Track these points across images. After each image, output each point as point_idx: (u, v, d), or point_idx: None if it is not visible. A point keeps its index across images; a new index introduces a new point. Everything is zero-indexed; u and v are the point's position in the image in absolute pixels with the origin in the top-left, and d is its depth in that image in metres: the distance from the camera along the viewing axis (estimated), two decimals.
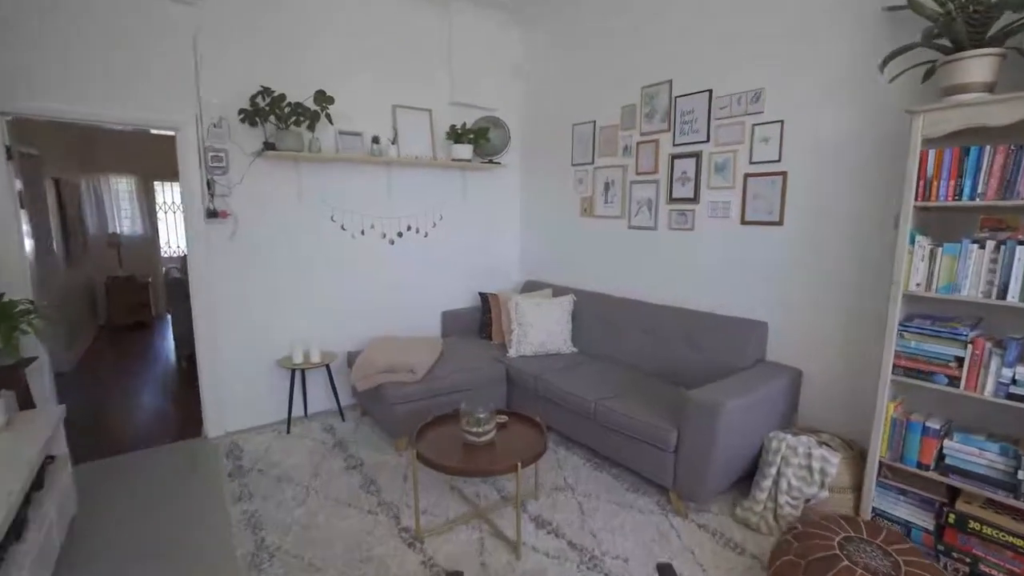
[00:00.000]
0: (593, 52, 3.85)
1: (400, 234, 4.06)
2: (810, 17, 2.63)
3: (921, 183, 2.05)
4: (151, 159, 7.04)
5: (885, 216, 2.46)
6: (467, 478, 2.84)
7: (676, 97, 3.29)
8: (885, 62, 2.19)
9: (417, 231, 4.16)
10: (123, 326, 6.70)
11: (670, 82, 3.32)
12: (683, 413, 2.45)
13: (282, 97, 3.20)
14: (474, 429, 2.31)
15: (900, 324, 2.14)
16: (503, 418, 2.59)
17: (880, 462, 2.25)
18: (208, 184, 3.20)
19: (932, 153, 2.02)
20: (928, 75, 2.18)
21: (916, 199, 2.06)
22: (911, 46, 2.10)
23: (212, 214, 3.21)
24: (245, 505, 2.59)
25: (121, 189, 7.09)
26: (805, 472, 2.40)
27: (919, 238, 2.09)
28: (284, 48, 3.38)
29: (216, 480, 2.84)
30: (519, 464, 2.12)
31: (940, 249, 2.04)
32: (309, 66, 3.49)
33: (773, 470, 2.46)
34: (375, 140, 3.71)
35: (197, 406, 3.50)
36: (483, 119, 4.24)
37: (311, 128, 3.34)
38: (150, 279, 7.04)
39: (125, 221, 7.19)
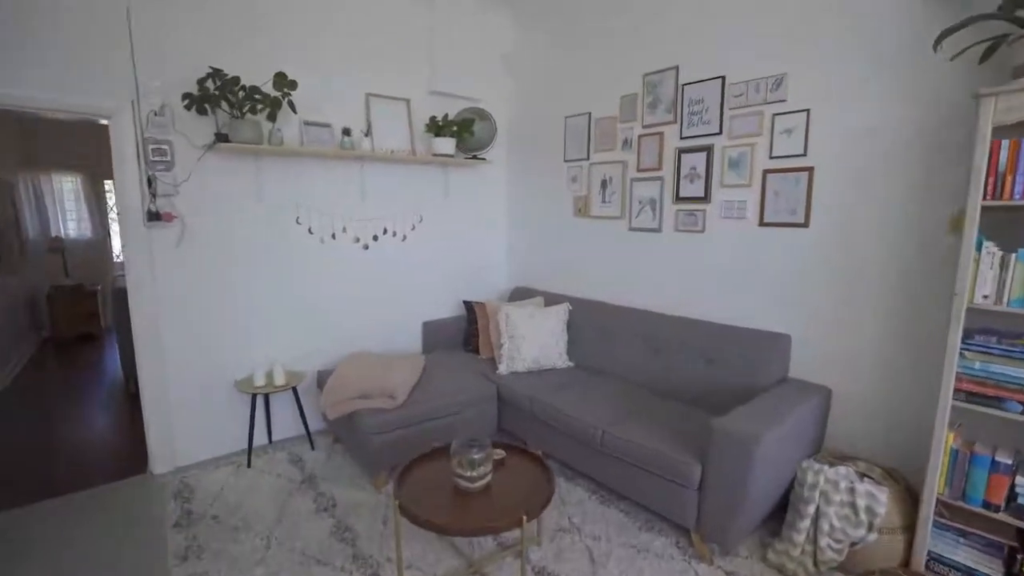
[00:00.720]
0: (588, 36, 3.51)
1: (375, 238, 3.65)
2: None
3: (991, 179, 1.77)
4: (100, 155, 6.44)
5: (927, 216, 2.17)
6: None
7: (683, 85, 2.97)
8: (940, 39, 1.91)
9: (394, 234, 3.75)
10: (69, 339, 6.12)
11: (676, 68, 3.01)
12: (709, 445, 2.13)
13: (235, 80, 2.76)
14: (467, 473, 1.94)
15: (961, 342, 1.86)
16: (499, 453, 2.22)
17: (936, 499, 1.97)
18: (149, 181, 2.74)
19: (1005, 144, 1.74)
20: (988, 54, 1.90)
21: (984, 197, 1.78)
22: (975, 19, 1.82)
23: (154, 216, 2.75)
24: (192, 566, 2.16)
25: (66, 188, 6.49)
26: (849, 511, 2.10)
27: (986, 243, 1.81)
28: (238, 24, 2.94)
29: (159, 532, 2.40)
30: (524, 517, 1.77)
31: (1014, 256, 1.75)
32: (267, 47, 3.04)
33: (811, 508, 2.15)
34: (346, 132, 3.29)
35: (143, 436, 3.03)
36: (467, 110, 3.86)
37: (271, 118, 2.91)
38: (100, 287, 6.47)
39: (71, 224, 6.58)
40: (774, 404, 2.28)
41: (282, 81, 2.87)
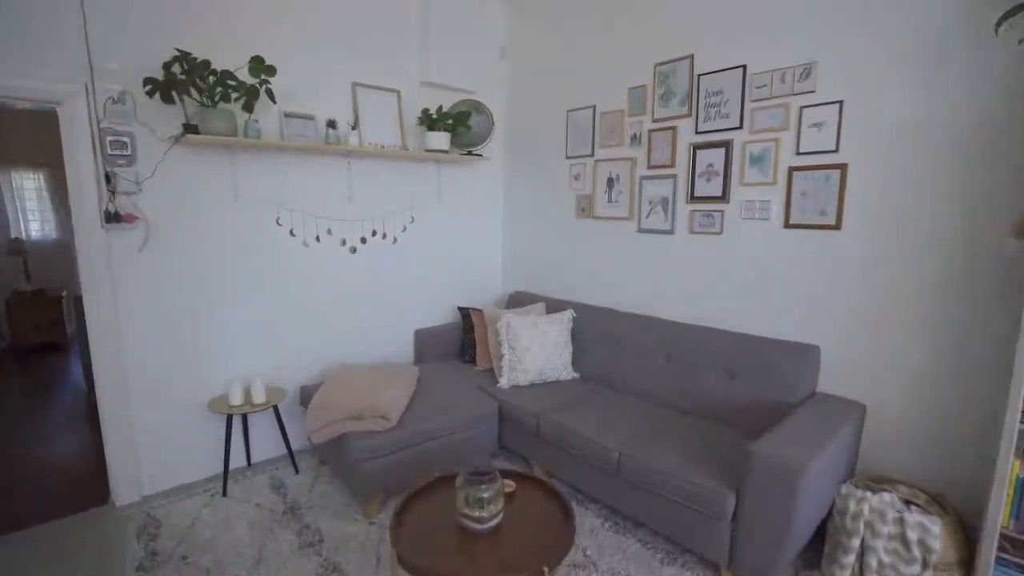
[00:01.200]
0: (593, 24, 3.29)
1: (364, 240, 3.38)
2: None
3: None
4: None
5: (979, 217, 1.98)
6: None
7: (699, 76, 2.76)
8: (1003, 20, 1.72)
9: (384, 236, 3.48)
10: (30, 349, 5.75)
11: (691, 58, 2.79)
12: (745, 472, 1.91)
13: (205, 64, 2.47)
14: (476, 513, 1.70)
15: None
16: (510, 485, 1.98)
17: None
18: (107, 178, 2.43)
19: None
20: None
21: None
22: None
23: (114, 218, 2.44)
24: None
25: (27, 186, 6.09)
26: (898, 544, 1.90)
27: None
28: (209, 4, 2.65)
29: None
30: (545, 570, 1.53)
31: None
32: (242, 29, 2.75)
33: (855, 541, 1.95)
34: (331, 125, 3.02)
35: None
36: (462, 103, 3.60)
37: (248, 108, 2.63)
38: (65, 293, 6.09)
39: (33, 224, 6.18)
40: (812, 424, 2.08)
41: (259, 66, 2.59)
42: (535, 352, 3.10)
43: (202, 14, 2.63)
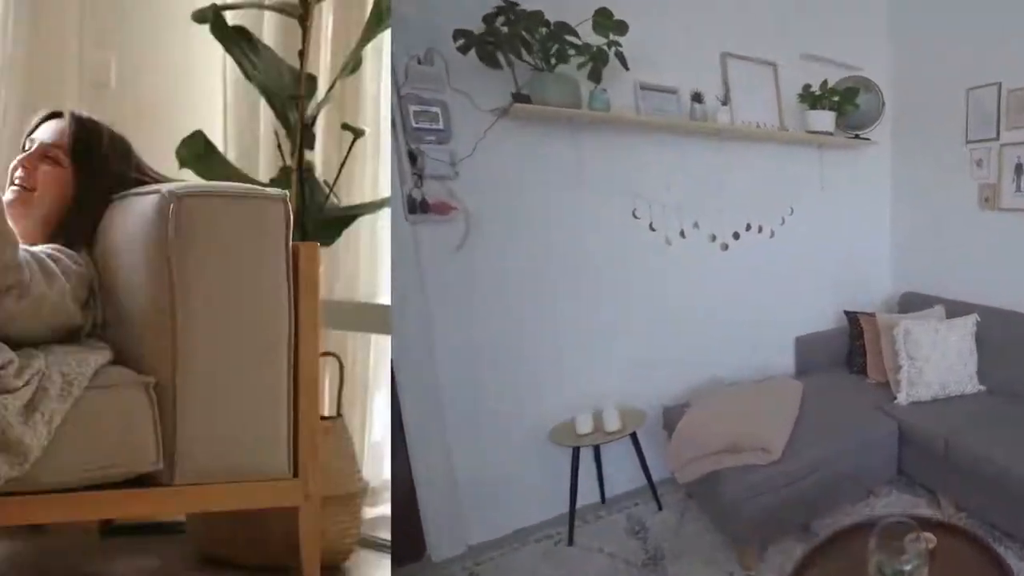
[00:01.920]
0: None
1: (736, 235, 3.74)
2: None
3: None
4: None
5: None
6: None
7: None
8: None
9: (760, 230, 3.87)
10: None
11: None
12: None
13: (537, 16, 2.48)
14: None
15: None
16: (930, 539, 2.04)
17: None
18: (412, 158, 2.47)
19: None
20: None
21: None
22: None
23: (420, 207, 2.47)
24: None
25: None
26: None
27: None
28: None
29: None
30: None
31: None
32: None
33: None
34: (696, 99, 3.30)
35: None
36: (848, 79, 4.08)
37: (594, 76, 2.78)
38: None
39: None
40: None
41: (606, 22, 2.62)
42: (936, 362, 3.74)
43: None
